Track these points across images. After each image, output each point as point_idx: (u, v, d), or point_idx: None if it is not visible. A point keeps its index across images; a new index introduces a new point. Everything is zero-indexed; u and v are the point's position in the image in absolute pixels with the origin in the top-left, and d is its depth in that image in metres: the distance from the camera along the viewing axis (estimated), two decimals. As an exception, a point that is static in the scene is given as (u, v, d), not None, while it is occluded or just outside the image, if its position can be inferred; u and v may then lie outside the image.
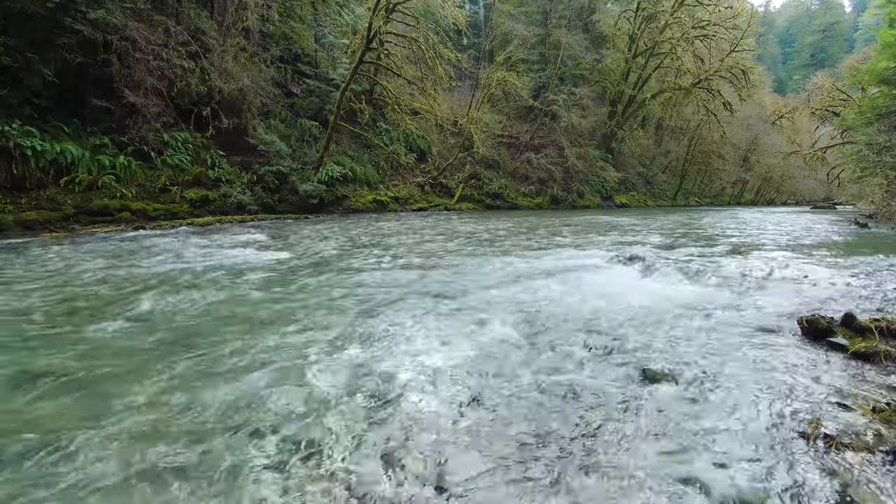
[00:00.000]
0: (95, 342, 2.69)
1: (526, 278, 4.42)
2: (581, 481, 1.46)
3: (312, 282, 4.34)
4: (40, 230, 8.08)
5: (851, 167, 17.11)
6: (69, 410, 1.88)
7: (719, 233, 9.42)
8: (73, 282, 4.19)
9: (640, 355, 2.46)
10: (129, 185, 9.96)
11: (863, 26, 65.62)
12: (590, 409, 1.90)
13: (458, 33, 19.06)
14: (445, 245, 7.03)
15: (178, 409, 1.89)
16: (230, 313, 3.29)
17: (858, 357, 2.37)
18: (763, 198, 40.72)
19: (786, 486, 1.41)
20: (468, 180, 20.03)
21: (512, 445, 1.65)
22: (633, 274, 4.68)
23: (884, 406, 1.82)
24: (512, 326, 2.97)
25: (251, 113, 12.99)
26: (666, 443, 1.65)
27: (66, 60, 9.11)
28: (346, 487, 1.43)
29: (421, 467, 1.52)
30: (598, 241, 7.67)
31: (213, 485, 1.44)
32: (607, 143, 26.68)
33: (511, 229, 9.94)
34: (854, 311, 2.70)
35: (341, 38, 17.69)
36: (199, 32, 12.01)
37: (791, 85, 67.39)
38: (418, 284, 4.24)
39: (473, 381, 2.17)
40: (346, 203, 14.97)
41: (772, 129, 38.05)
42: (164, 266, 5.00)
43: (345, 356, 2.46)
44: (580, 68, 25.68)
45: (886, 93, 13.17)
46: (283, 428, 1.75)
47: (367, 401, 1.97)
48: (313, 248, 6.60)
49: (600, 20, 26.66)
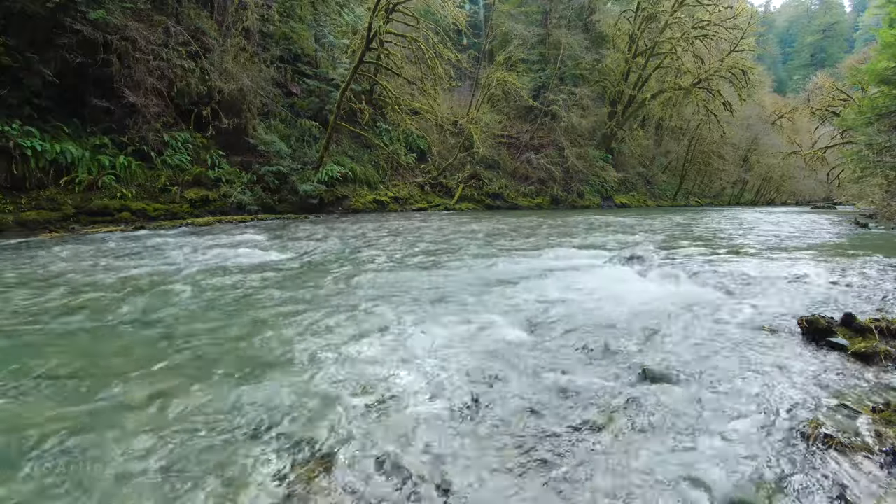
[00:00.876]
0: (95, 342, 2.69)
1: (525, 278, 4.42)
2: (581, 481, 1.46)
3: (312, 282, 4.34)
4: (40, 230, 8.08)
5: (851, 167, 17.10)
6: (70, 409, 1.88)
7: (719, 233, 9.42)
8: (73, 281, 4.19)
9: (639, 355, 2.46)
10: (129, 185, 9.96)
11: (863, 26, 65.63)
12: (589, 409, 1.89)
13: (458, 33, 19.06)
14: (445, 245, 7.03)
15: (175, 406, 1.89)
16: (230, 313, 3.29)
17: (858, 357, 2.36)
18: (763, 198, 40.72)
19: (785, 486, 1.41)
20: (468, 180, 20.03)
21: (511, 445, 1.65)
22: (632, 274, 4.68)
23: (883, 406, 1.82)
24: (512, 326, 2.96)
25: (251, 113, 12.99)
26: (666, 442, 1.65)
27: (66, 60, 9.11)
28: (346, 486, 1.43)
29: (421, 467, 1.52)
30: (598, 241, 7.67)
31: (208, 485, 1.43)
32: (607, 143, 26.69)
33: (511, 229, 9.94)
34: (854, 311, 2.70)
35: (341, 38, 17.70)
36: (199, 32, 12.01)
37: (791, 85, 67.40)
38: (418, 284, 4.24)
39: (472, 380, 2.17)
40: (346, 203, 14.97)
41: (772, 129, 38.05)
42: (164, 266, 5.00)
43: (345, 355, 2.46)
44: (580, 68, 25.69)
45: (886, 93, 13.17)
46: (283, 427, 1.75)
47: (368, 400, 1.97)
48: (313, 248, 6.60)
49: (600, 20, 26.66)
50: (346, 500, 1.38)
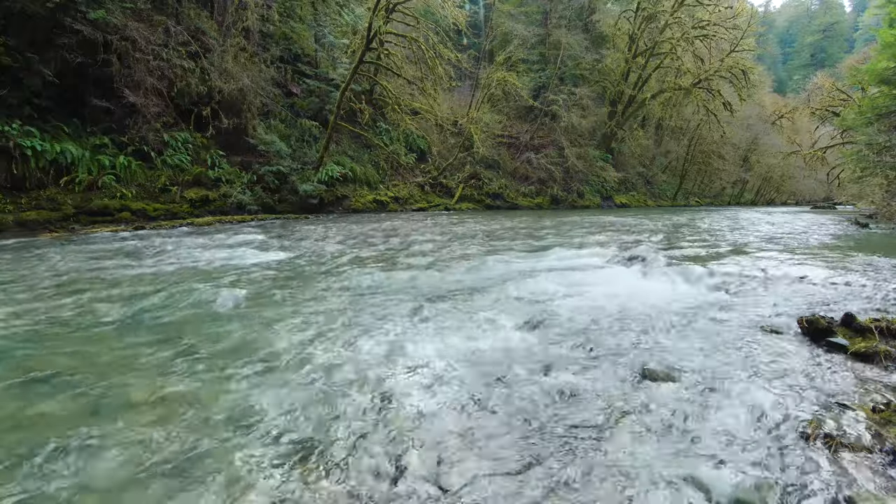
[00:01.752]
0: (96, 341, 2.69)
1: (525, 278, 4.42)
2: (581, 481, 1.46)
3: (312, 281, 4.34)
4: (40, 230, 8.08)
5: (851, 167, 17.11)
6: (70, 408, 1.88)
7: (719, 233, 9.42)
8: (73, 281, 4.18)
9: (639, 355, 2.46)
10: (129, 185, 9.96)
11: (863, 26, 65.62)
12: (589, 409, 1.89)
13: (458, 33, 19.06)
14: (445, 245, 7.03)
15: (175, 406, 1.89)
16: (230, 312, 3.29)
17: (858, 357, 2.36)
18: (763, 198, 40.72)
19: (786, 486, 1.41)
20: (468, 180, 20.02)
21: (512, 445, 1.65)
22: (632, 274, 4.68)
23: (883, 406, 1.82)
24: (512, 326, 2.96)
25: (251, 113, 12.99)
26: (666, 442, 1.65)
27: (66, 60, 9.11)
28: (346, 486, 1.43)
29: (421, 466, 1.52)
30: (598, 241, 7.66)
31: (210, 484, 1.43)
32: (607, 143, 26.68)
33: (511, 229, 9.94)
34: (854, 311, 2.70)
35: (341, 38, 17.70)
36: (199, 32, 12.01)
37: (791, 85, 67.41)
38: (418, 284, 4.24)
39: (473, 380, 2.17)
40: (346, 203, 14.97)
41: (772, 129, 38.04)
42: (164, 266, 5.00)
43: (345, 355, 2.46)
44: (580, 68, 25.69)
45: (886, 93, 13.18)
46: (282, 426, 1.75)
47: (367, 400, 1.97)
48: (313, 248, 6.60)
49: (600, 20, 26.66)
50: (345, 500, 1.38)
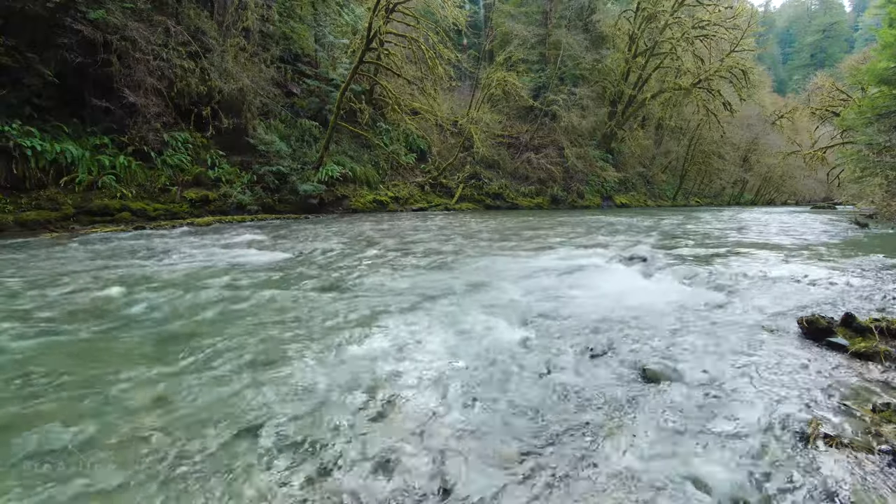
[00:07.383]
0: (95, 341, 2.69)
1: (526, 278, 4.42)
2: (581, 481, 1.46)
3: (312, 281, 4.34)
4: (40, 230, 8.08)
5: (851, 167, 17.08)
6: (71, 407, 1.88)
7: (719, 233, 9.42)
8: (73, 281, 4.18)
9: (639, 355, 2.46)
10: (129, 185, 9.96)
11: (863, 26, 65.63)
12: (590, 409, 1.89)
13: (458, 33, 19.09)
14: (444, 244, 7.03)
15: (178, 407, 1.89)
16: (231, 312, 3.29)
17: (858, 357, 2.36)
18: (763, 198, 40.73)
19: (785, 486, 1.41)
20: (468, 180, 20.03)
21: (512, 445, 1.65)
22: (632, 274, 4.68)
23: (883, 406, 1.82)
24: (512, 325, 2.96)
25: (251, 113, 12.99)
26: (666, 442, 1.65)
27: (66, 60, 9.11)
28: (346, 486, 1.43)
29: (421, 466, 1.52)
30: (599, 240, 7.66)
31: (208, 483, 1.43)
32: (607, 143, 26.69)
33: (511, 229, 9.93)
34: (854, 311, 2.70)
35: (341, 38, 17.70)
36: (199, 32, 12.01)
37: (791, 85, 67.43)
38: (418, 284, 4.24)
39: (473, 380, 2.17)
40: (346, 203, 14.97)
41: (772, 129, 38.04)
42: (164, 266, 5.00)
43: (345, 355, 2.46)
44: (580, 68, 25.68)
45: (886, 93, 13.16)
46: (282, 425, 1.75)
47: (367, 399, 1.97)
48: (313, 248, 6.60)
49: (600, 20, 26.66)
50: (345, 500, 1.38)
